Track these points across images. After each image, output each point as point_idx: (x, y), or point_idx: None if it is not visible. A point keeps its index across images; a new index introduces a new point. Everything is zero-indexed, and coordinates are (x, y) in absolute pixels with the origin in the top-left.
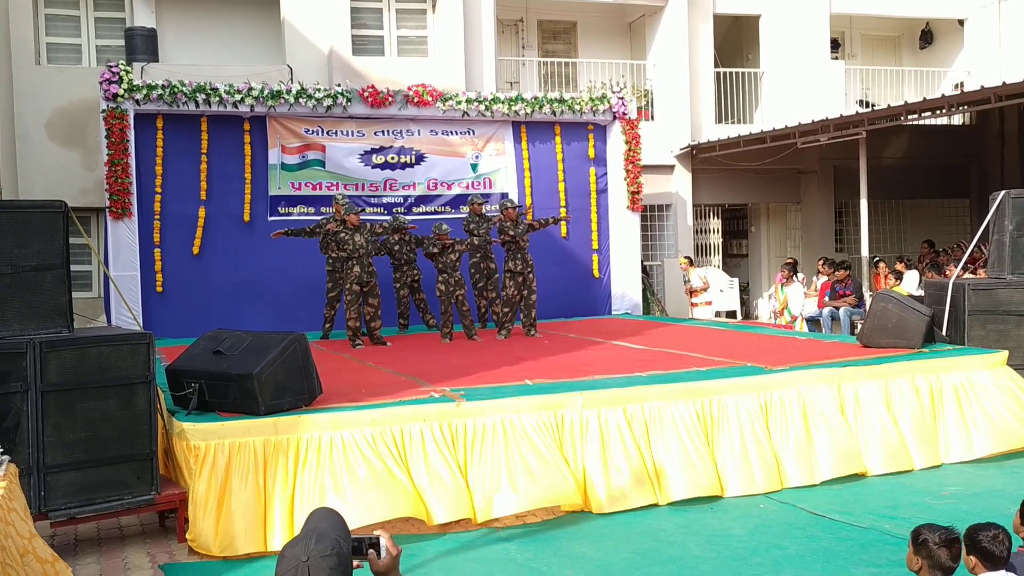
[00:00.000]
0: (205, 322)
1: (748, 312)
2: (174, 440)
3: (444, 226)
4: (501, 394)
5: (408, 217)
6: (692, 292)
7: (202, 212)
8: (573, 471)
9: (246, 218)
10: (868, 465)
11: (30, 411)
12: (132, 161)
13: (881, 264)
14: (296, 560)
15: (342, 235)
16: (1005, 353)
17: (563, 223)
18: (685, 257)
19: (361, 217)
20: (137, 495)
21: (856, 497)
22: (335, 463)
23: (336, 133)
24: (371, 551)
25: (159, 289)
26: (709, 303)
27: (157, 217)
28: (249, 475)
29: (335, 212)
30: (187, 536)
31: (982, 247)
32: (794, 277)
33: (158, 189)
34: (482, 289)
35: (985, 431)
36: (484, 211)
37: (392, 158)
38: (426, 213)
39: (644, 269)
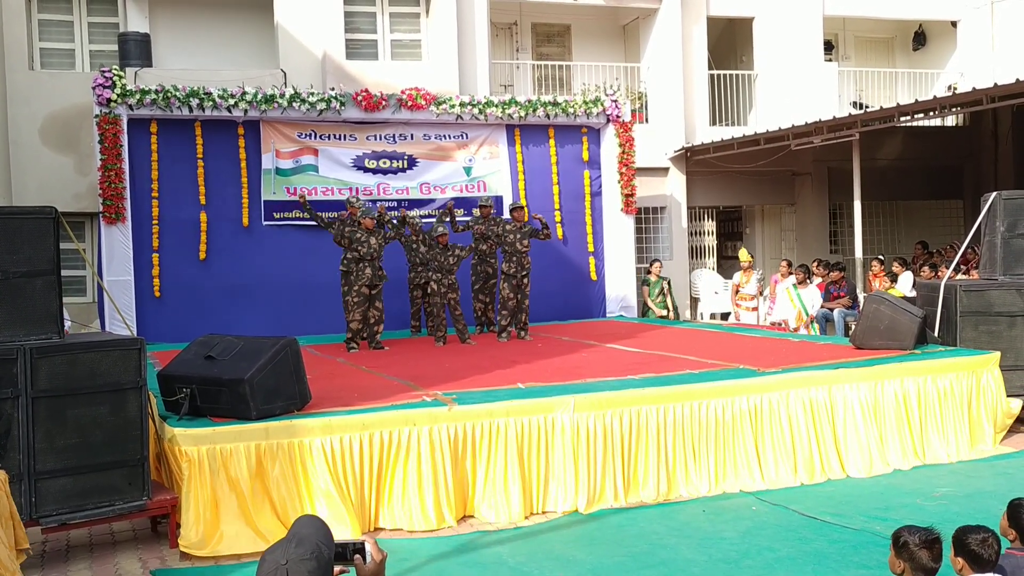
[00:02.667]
0: (201, 327)
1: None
2: (166, 445)
3: (440, 227)
4: (493, 398)
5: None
6: (746, 296)
7: (203, 217)
8: (565, 473)
9: (245, 223)
10: (860, 466)
11: (20, 417)
12: (126, 166)
13: (874, 263)
14: (275, 564)
15: (358, 235)
16: (997, 354)
17: (558, 226)
18: (750, 256)
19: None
20: (128, 501)
21: (847, 499)
22: (326, 467)
23: (330, 137)
24: (356, 556)
25: (157, 294)
26: (755, 309)
27: (155, 222)
28: (241, 480)
29: (351, 214)
30: (179, 541)
31: (975, 248)
32: (808, 279)
33: (155, 194)
34: (478, 292)
35: (976, 432)
36: (492, 214)
37: (385, 162)
38: (419, 217)
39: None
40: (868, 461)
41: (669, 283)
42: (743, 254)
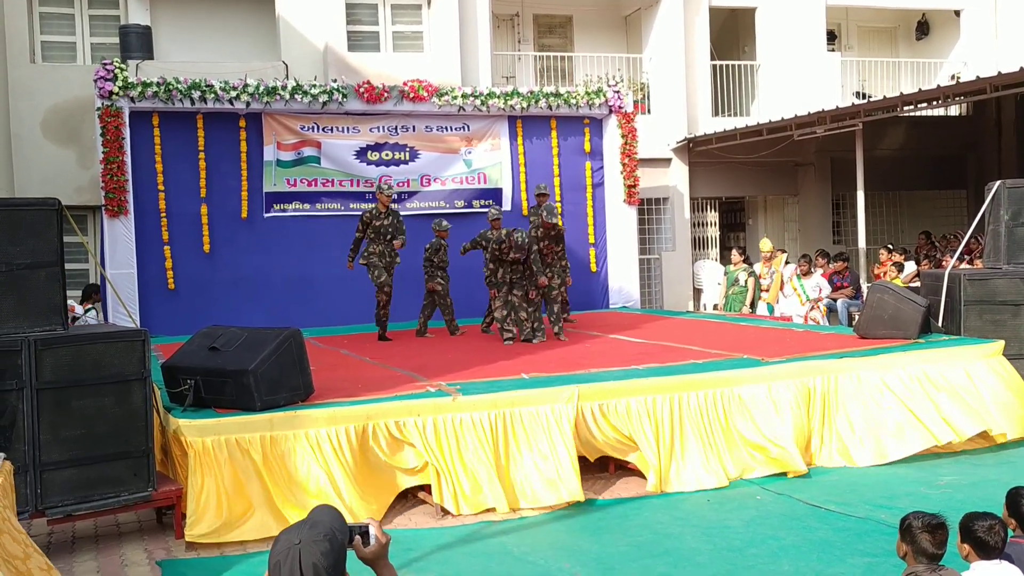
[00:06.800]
0: (204, 319)
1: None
2: (170, 437)
3: (444, 222)
4: (497, 388)
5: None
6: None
7: (205, 209)
8: (569, 463)
9: (246, 215)
10: (865, 454)
11: (25, 409)
12: (128, 159)
13: (882, 251)
14: (289, 543)
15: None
16: (1001, 343)
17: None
18: (772, 245)
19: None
20: (134, 492)
21: (852, 487)
22: (331, 458)
23: (332, 129)
24: (358, 538)
25: (171, 286)
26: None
27: (164, 215)
28: (246, 471)
29: (380, 202)
30: (184, 532)
31: (978, 237)
32: (812, 270)
33: (160, 187)
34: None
35: (980, 420)
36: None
37: (387, 154)
38: (419, 208)
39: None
40: (872, 449)
41: (752, 275)
42: (764, 243)
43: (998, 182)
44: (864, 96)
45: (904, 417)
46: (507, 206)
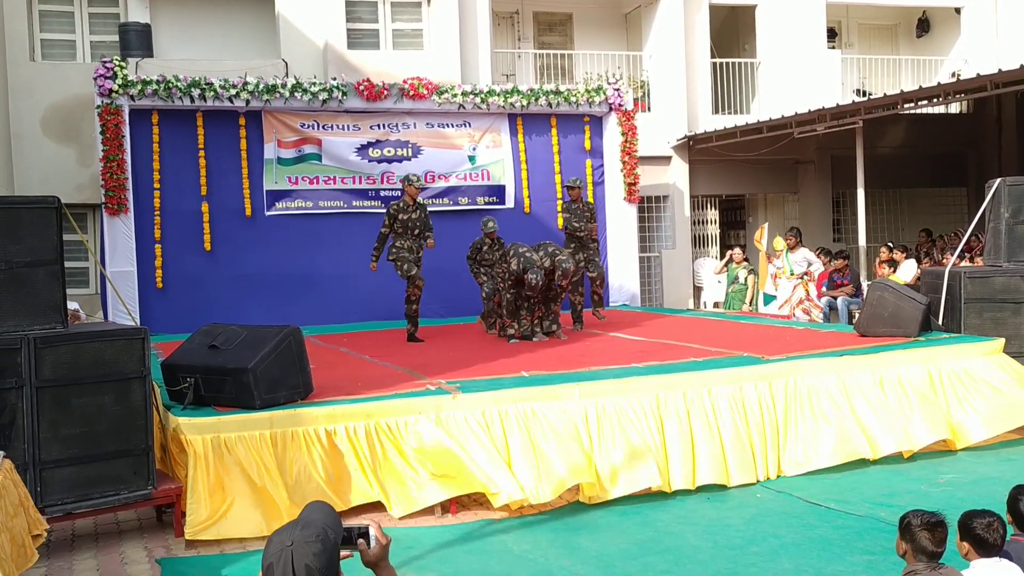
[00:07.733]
0: (204, 317)
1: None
2: (170, 435)
3: (491, 223)
4: (497, 386)
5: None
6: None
7: (206, 207)
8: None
9: (247, 213)
10: (865, 453)
11: (25, 407)
12: (128, 157)
13: (882, 250)
14: (281, 545)
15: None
16: (1001, 341)
17: (560, 215)
18: (785, 243)
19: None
20: (134, 490)
21: (852, 485)
22: (330, 456)
23: (332, 127)
24: (360, 540)
25: (159, 285)
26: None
27: (157, 213)
28: (245, 469)
29: (408, 195)
30: (184, 530)
31: (979, 235)
32: (800, 243)
33: (156, 185)
34: (576, 284)
35: (983, 418)
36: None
37: (389, 151)
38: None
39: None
40: (873, 448)
41: (752, 272)
42: (778, 242)
43: (998, 180)
44: (864, 94)
45: (906, 415)
46: (510, 203)
